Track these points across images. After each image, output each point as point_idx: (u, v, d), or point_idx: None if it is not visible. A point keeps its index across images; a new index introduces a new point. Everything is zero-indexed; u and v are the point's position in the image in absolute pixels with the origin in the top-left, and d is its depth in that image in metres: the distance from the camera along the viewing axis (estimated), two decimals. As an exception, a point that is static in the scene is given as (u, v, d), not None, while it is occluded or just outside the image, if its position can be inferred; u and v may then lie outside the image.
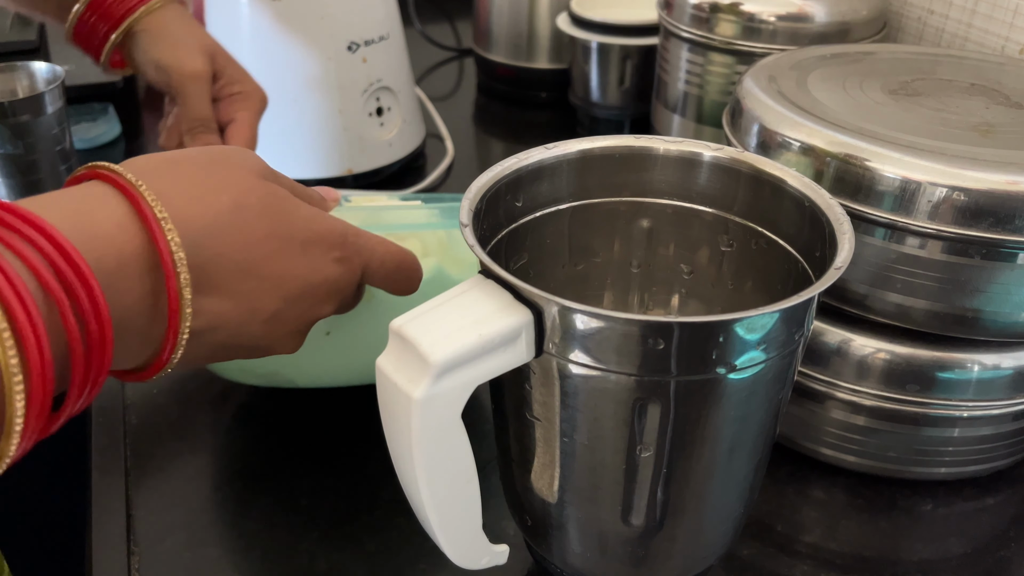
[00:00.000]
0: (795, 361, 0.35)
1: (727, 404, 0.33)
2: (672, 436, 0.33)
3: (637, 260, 0.45)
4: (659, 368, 0.31)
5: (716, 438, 0.34)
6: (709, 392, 0.32)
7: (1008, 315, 0.44)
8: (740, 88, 0.52)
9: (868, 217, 0.43)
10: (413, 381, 0.30)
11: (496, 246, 0.39)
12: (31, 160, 0.69)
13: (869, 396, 0.47)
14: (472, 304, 0.31)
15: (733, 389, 0.33)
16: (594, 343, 0.31)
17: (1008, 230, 0.41)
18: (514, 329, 0.31)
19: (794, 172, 0.39)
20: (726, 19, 0.67)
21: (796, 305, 0.31)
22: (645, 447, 0.33)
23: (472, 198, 0.36)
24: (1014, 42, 0.67)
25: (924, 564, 0.46)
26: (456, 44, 1.12)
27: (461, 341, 0.30)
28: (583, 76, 0.88)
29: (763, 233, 0.41)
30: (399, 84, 0.78)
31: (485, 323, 0.30)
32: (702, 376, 0.32)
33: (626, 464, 0.34)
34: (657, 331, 0.30)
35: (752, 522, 0.48)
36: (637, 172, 0.42)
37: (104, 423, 0.52)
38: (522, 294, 0.31)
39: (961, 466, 0.49)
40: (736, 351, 0.31)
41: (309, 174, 0.74)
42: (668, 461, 0.34)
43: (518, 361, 0.32)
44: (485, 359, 0.31)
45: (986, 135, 0.45)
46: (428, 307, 0.31)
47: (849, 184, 0.44)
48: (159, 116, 0.91)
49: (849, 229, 0.35)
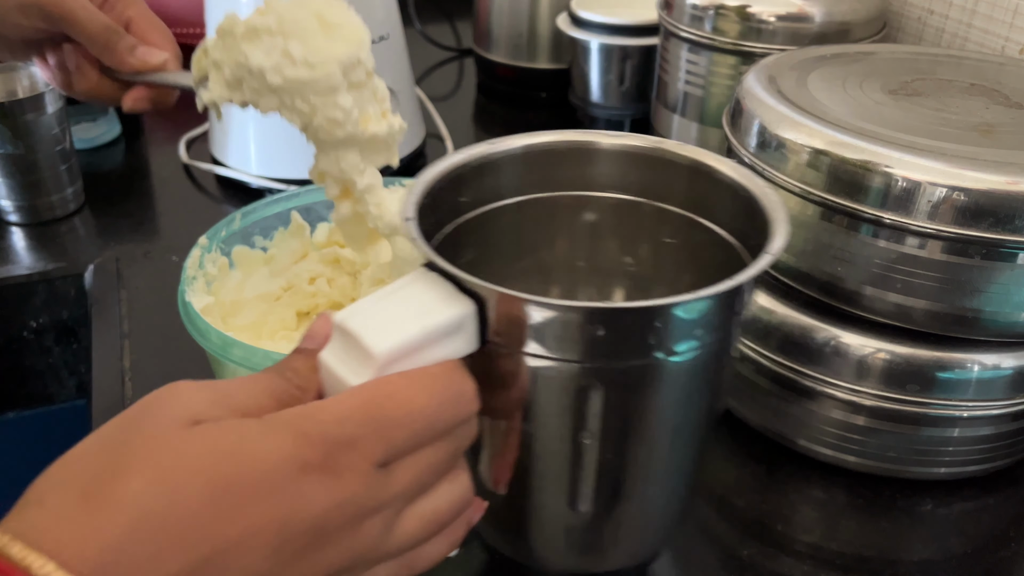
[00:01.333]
0: (732, 345, 0.35)
1: (667, 388, 0.34)
2: (616, 422, 0.34)
3: (582, 254, 0.45)
4: (599, 354, 0.32)
5: (658, 422, 0.35)
6: (649, 377, 0.33)
7: (1008, 315, 0.44)
8: (740, 88, 0.52)
9: (868, 217, 0.43)
10: (357, 374, 0.29)
11: (443, 242, 0.39)
12: (31, 160, 0.69)
13: (869, 396, 0.47)
14: (415, 296, 0.31)
15: (672, 373, 0.33)
16: (536, 331, 0.31)
17: (1008, 230, 0.41)
18: (457, 320, 0.31)
19: (730, 161, 0.39)
20: (726, 19, 0.67)
21: (730, 290, 0.31)
22: (589, 433, 0.34)
23: (417, 192, 0.36)
24: (1014, 42, 0.67)
25: (924, 564, 0.46)
26: (456, 44, 1.12)
27: (405, 332, 0.30)
28: (583, 76, 0.88)
29: (703, 224, 0.41)
30: (399, 84, 0.78)
31: (428, 314, 0.30)
32: (641, 361, 0.32)
33: (572, 451, 0.34)
34: (596, 317, 0.31)
35: (752, 522, 0.48)
36: (581, 167, 0.42)
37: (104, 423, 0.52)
38: (465, 285, 0.31)
39: (961, 466, 0.49)
40: (673, 336, 0.32)
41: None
42: (613, 447, 0.34)
43: (462, 351, 0.32)
44: (429, 350, 0.30)
45: (986, 135, 0.45)
46: (371, 300, 0.31)
47: (849, 184, 0.44)
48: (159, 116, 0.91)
49: (784, 215, 0.35)
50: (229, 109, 0.74)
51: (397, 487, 0.29)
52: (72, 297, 0.67)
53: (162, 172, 0.81)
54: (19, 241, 0.70)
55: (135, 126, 0.89)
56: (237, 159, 0.76)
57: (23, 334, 0.68)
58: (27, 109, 0.67)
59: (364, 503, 0.28)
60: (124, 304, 0.63)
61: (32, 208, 0.71)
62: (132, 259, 0.67)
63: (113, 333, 0.60)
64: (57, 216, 0.72)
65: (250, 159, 0.75)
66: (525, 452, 0.35)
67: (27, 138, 0.68)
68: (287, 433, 0.27)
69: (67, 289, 0.67)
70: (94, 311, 0.62)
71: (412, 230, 0.33)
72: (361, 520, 0.28)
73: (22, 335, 0.68)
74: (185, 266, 0.50)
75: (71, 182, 0.73)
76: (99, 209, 0.74)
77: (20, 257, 0.68)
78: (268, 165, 0.75)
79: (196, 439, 0.26)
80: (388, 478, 0.28)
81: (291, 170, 0.75)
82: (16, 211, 0.71)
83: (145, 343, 0.59)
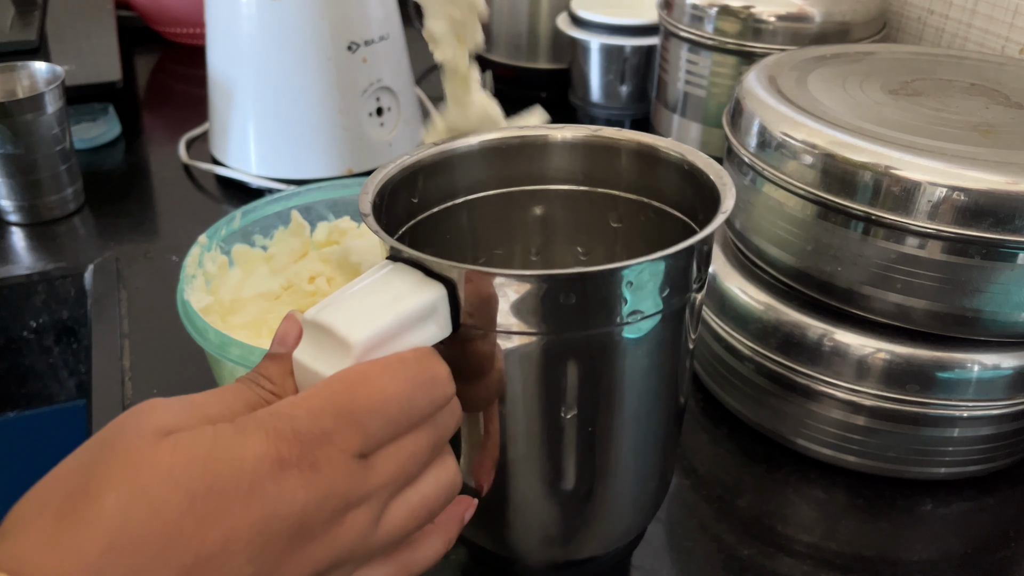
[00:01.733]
0: (694, 311, 0.36)
1: (637, 354, 0.34)
2: (589, 392, 0.34)
3: (535, 247, 0.46)
4: (569, 324, 0.32)
5: (630, 389, 0.35)
6: (618, 343, 0.34)
7: (1008, 315, 0.44)
8: (740, 88, 0.52)
9: (868, 217, 0.43)
10: (334, 366, 0.29)
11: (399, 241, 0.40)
12: (31, 160, 0.69)
13: (869, 396, 0.47)
14: (384, 286, 0.31)
15: (640, 338, 0.34)
16: (506, 307, 0.31)
17: (1008, 230, 0.41)
18: (430, 304, 0.31)
19: (668, 140, 0.40)
20: (726, 19, 0.67)
21: (685, 249, 0.32)
22: (565, 407, 0.34)
23: (370, 192, 0.36)
24: (1014, 42, 0.67)
25: (924, 564, 0.46)
26: (456, 44, 1.12)
27: (379, 320, 0.30)
28: (583, 76, 0.88)
29: (650, 204, 0.42)
30: (399, 84, 0.78)
31: (400, 301, 0.30)
32: (609, 328, 0.33)
33: (549, 428, 0.35)
34: (564, 283, 0.31)
35: (752, 522, 0.48)
36: (528, 161, 0.43)
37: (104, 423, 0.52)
38: (433, 269, 0.31)
39: (961, 466, 0.49)
40: (638, 298, 0.32)
41: (309, 174, 0.74)
42: (589, 419, 0.35)
43: (437, 337, 0.32)
44: (404, 337, 0.30)
45: (986, 135, 0.45)
46: (338, 295, 0.31)
47: (849, 184, 0.44)
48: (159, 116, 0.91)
49: (729, 182, 0.36)
50: (229, 107, 0.75)
51: (380, 477, 0.28)
52: (72, 297, 0.67)
53: (162, 172, 0.81)
54: (19, 241, 0.70)
55: (135, 126, 0.89)
56: (237, 159, 0.76)
57: (23, 334, 0.68)
58: (27, 109, 0.67)
59: (346, 495, 0.27)
60: (124, 304, 0.63)
61: (32, 208, 0.71)
62: (132, 259, 0.67)
63: (113, 333, 0.60)
64: (57, 216, 0.72)
65: (250, 159, 0.75)
66: (504, 435, 0.36)
67: (27, 138, 0.68)
68: (260, 432, 0.26)
69: (67, 289, 0.67)
70: (94, 311, 0.62)
71: (371, 224, 0.34)
72: (344, 513, 0.27)
73: (22, 335, 0.68)
74: (184, 264, 0.50)
75: (71, 182, 0.73)
76: (99, 209, 0.74)
77: (20, 257, 0.68)
78: (268, 165, 0.75)
79: (169, 448, 0.26)
80: (369, 469, 0.28)
81: (291, 170, 0.75)
82: (16, 211, 0.71)
83: (145, 343, 0.59)
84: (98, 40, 0.92)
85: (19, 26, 0.83)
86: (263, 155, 0.75)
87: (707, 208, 0.36)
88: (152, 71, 1.04)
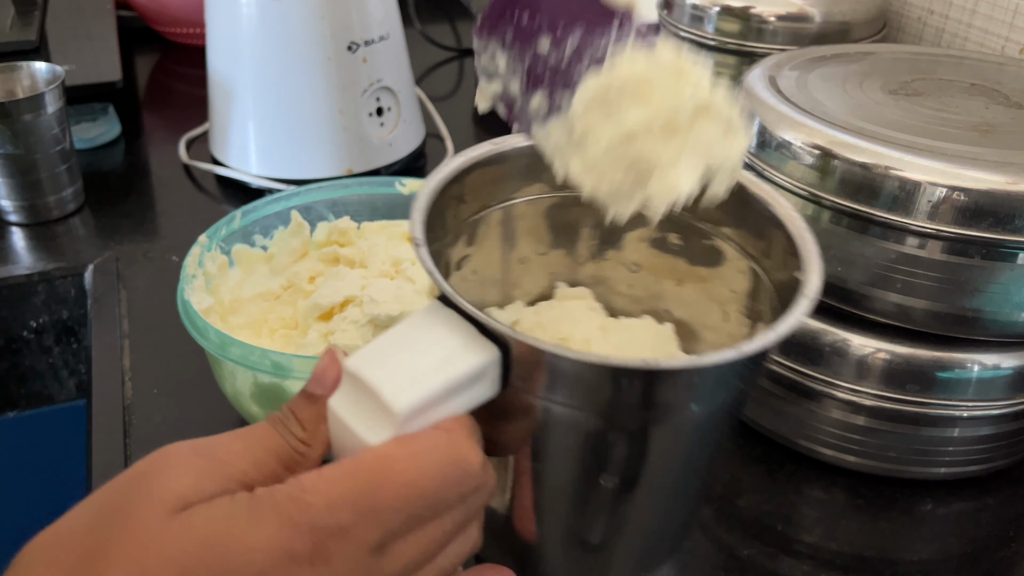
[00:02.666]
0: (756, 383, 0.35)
1: (691, 435, 0.33)
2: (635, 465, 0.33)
3: (583, 255, 0.45)
4: (626, 407, 0.31)
5: (678, 464, 0.34)
6: (674, 426, 0.32)
7: (1008, 315, 0.44)
8: (740, 88, 0.52)
9: (868, 217, 0.43)
10: (374, 431, 0.27)
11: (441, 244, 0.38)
12: (31, 160, 0.69)
13: (869, 396, 0.47)
14: (434, 340, 0.29)
15: (698, 421, 0.32)
16: (562, 381, 0.30)
17: (1008, 230, 0.41)
18: (481, 367, 0.29)
19: (753, 176, 0.38)
20: (726, 19, 0.67)
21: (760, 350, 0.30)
22: (607, 476, 0.33)
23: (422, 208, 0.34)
24: (1014, 42, 0.67)
25: (924, 564, 0.46)
26: (456, 44, 1.12)
27: (426, 386, 0.27)
28: (583, 76, 0.88)
29: (717, 232, 0.41)
30: (399, 84, 0.78)
31: (450, 363, 0.28)
32: (668, 412, 0.31)
33: (586, 491, 0.34)
34: (626, 375, 0.30)
35: (752, 522, 0.48)
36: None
37: (104, 423, 0.52)
38: (488, 328, 0.29)
39: (961, 466, 0.49)
40: (704, 389, 0.31)
41: (309, 174, 0.74)
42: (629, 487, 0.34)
43: (484, 398, 0.30)
44: (451, 400, 0.29)
45: (986, 135, 0.45)
46: (384, 344, 0.29)
47: (849, 184, 0.44)
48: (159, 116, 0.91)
49: (815, 247, 0.34)
50: (229, 107, 0.75)
51: (396, 565, 0.28)
52: (72, 297, 0.67)
53: (162, 172, 0.81)
54: (19, 241, 0.70)
55: (135, 126, 0.89)
56: (237, 159, 0.76)
57: (23, 334, 0.68)
58: (27, 109, 0.67)
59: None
60: (124, 304, 0.63)
61: (32, 208, 0.71)
62: (132, 259, 0.67)
63: (113, 333, 0.60)
64: (57, 216, 0.72)
65: (250, 159, 0.75)
66: (537, 489, 0.34)
67: (27, 138, 0.68)
68: (274, 521, 0.26)
69: (67, 289, 0.67)
70: (94, 311, 0.62)
71: (424, 258, 0.31)
72: None
73: (22, 335, 0.68)
74: (185, 264, 0.50)
75: (71, 182, 0.73)
76: (99, 209, 0.74)
77: (20, 257, 0.68)
78: (268, 165, 0.75)
79: (180, 529, 0.25)
80: (386, 558, 0.27)
81: (291, 170, 0.75)
82: (16, 211, 0.71)
83: (145, 343, 0.59)
84: (98, 40, 0.92)
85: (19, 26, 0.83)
86: (263, 155, 0.75)
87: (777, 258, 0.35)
88: (152, 71, 1.04)
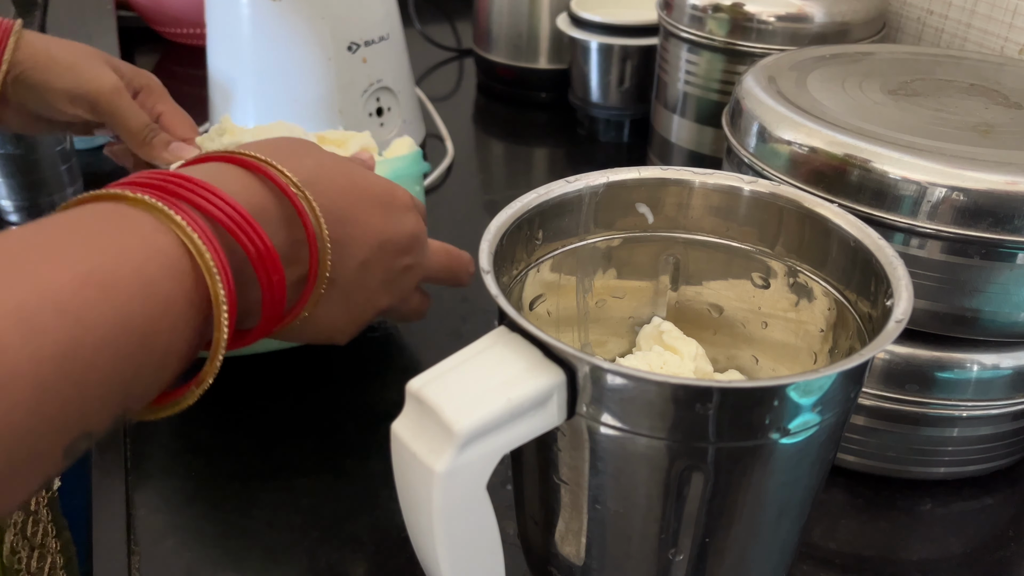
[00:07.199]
0: (848, 418, 0.33)
1: (775, 470, 0.31)
2: (713, 504, 0.31)
3: (664, 297, 0.44)
4: (701, 434, 0.29)
5: (761, 504, 0.32)
6: (756, 458, 0.30)
7: (1008, 315, 0.44)
8: (740, 88, 0.52)
9: (868, 217, 0.43)
10: (435, 452, 0.27)
11: (514, 282, 0.38)
12: (31, 160, 0.69)
13: (869, 396, 0.47)
14: (498, 363, 0.29)
15: (782, 454, 0.30)
16: (631, 406, 0.29)
17: (1008, 230, 0.41)
18: (545, 391, 0.28)
19: (835, 208, 0.37)
20: (726, 19, 0.67)
21: (857, 366, 0.29)
22: (683, 516, 0.31)
23: (491, 239, 0.33)
24: (1014, 42, 0.67)
25: (924, 564, 0.46)
26: (456, 44, 1.12)
27: (488, 407, 0.27)
28: (583, 76, 0.88)
29: (801, 270, 0.39)
30: (399, 84, 0.78)
31: (513, 385, 0.28)
32: (749, 442, 0.29)
33: (661, 533, 0.32)
34: (702, 396, 0.28)
35: (752, 522, 0.47)
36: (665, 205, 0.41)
37: (104, 423, 0.52)
38: (553, 351, 0.28)
39: (960, 466, 0.49)
40: (788, 415, 0.29)
41: (309, 174, 0.74)
42: (707, 530, 0.32)
43: (549, 425, 0.29)
44: (514, 425, 0.28)
45: (986, 135, 0.45)
46: (448, 366, 0.29)
47: (849, 184, 0.44)
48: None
49: (905, 275, 0.33)
50: (229, 107, 0.75)
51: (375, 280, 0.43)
52: (72, 297, 0.67)
53: (162, 172, 0.81)
54: (19, 241, 0.70)
55: (135, 126, 0.89)
56: (237, 159, 0.76)
57: (23, 334, 0.68)
58: (27, 109, 0.67)
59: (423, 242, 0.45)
60: (124, 304, 0.62)
61: (32, 208, 0.71)
62: (132, 259, 0.67)
63: (113, 333, 0.60)
64: (57, 216, 0.72)
65: (250, 159, 0.75)
66: (609, 530, 0.33)
67: (27, 138, 0.68)
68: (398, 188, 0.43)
69: (67, 289, 0.67)
70: (94, 311, 0.62)
71: (491, 285, 0.31)
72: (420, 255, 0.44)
73: (22, 335, 0.68)
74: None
75: (71, 182, 0.73)
76: (99, 209, 0.74)
77: (20, 257, 0.68)
78: (268, 165, 0.75)
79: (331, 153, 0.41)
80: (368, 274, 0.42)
81: (291, 170, 0.75)
82: (16, 211, 0.71)
83: (145, 343, 0.59)
84: (98, 40, 0.92)
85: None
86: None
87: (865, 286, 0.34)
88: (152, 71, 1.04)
